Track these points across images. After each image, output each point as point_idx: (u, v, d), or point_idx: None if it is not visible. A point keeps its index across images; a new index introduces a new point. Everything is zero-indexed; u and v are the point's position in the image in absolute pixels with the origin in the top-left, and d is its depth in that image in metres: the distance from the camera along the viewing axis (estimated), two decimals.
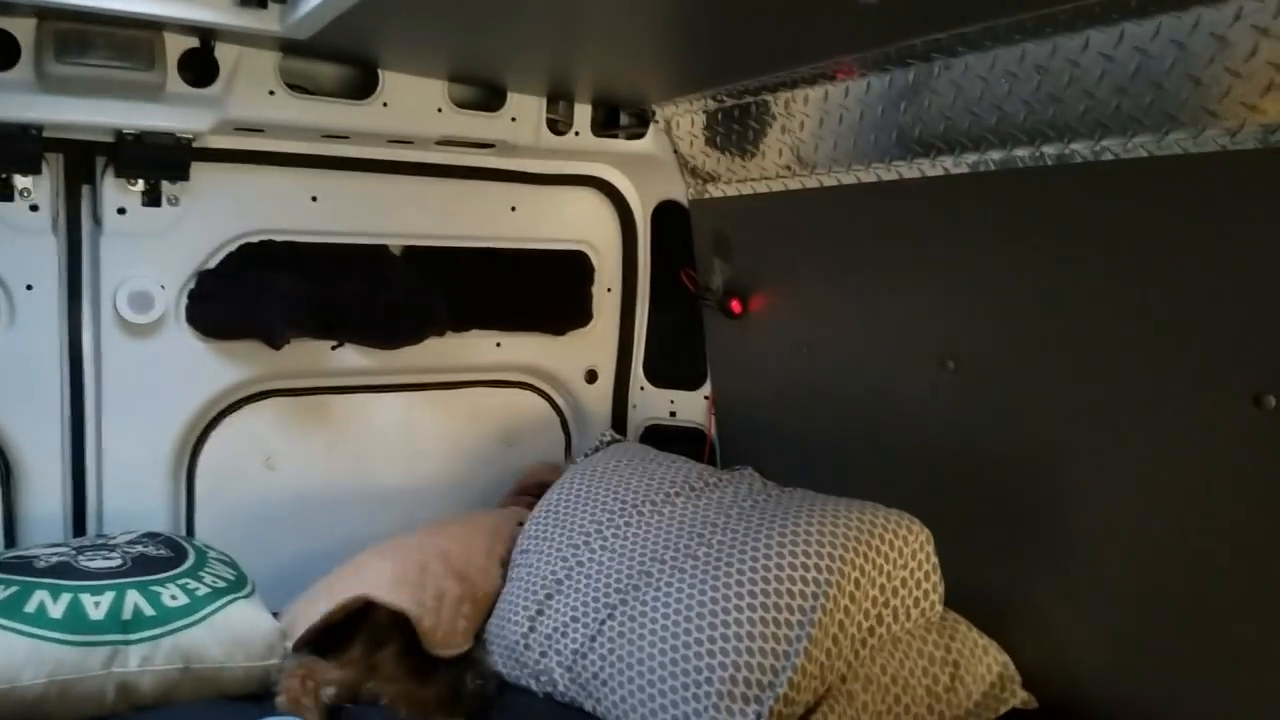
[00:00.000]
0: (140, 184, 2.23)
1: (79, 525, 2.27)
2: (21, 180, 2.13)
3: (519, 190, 2.76)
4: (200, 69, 2.14)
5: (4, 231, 2.14)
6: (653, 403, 3.00)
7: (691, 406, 2.93)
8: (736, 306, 2.68)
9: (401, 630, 1.96)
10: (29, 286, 2.17)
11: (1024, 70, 1.76)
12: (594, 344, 2.98)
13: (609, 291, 2.98)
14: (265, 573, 2.20)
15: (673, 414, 2.97)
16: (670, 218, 2.88)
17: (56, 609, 1.78)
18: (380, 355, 2.59)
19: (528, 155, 2.69)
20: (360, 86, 2.36)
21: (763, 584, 1.79)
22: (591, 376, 3.00)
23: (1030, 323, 1.93)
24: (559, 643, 1.97)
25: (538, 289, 2.84)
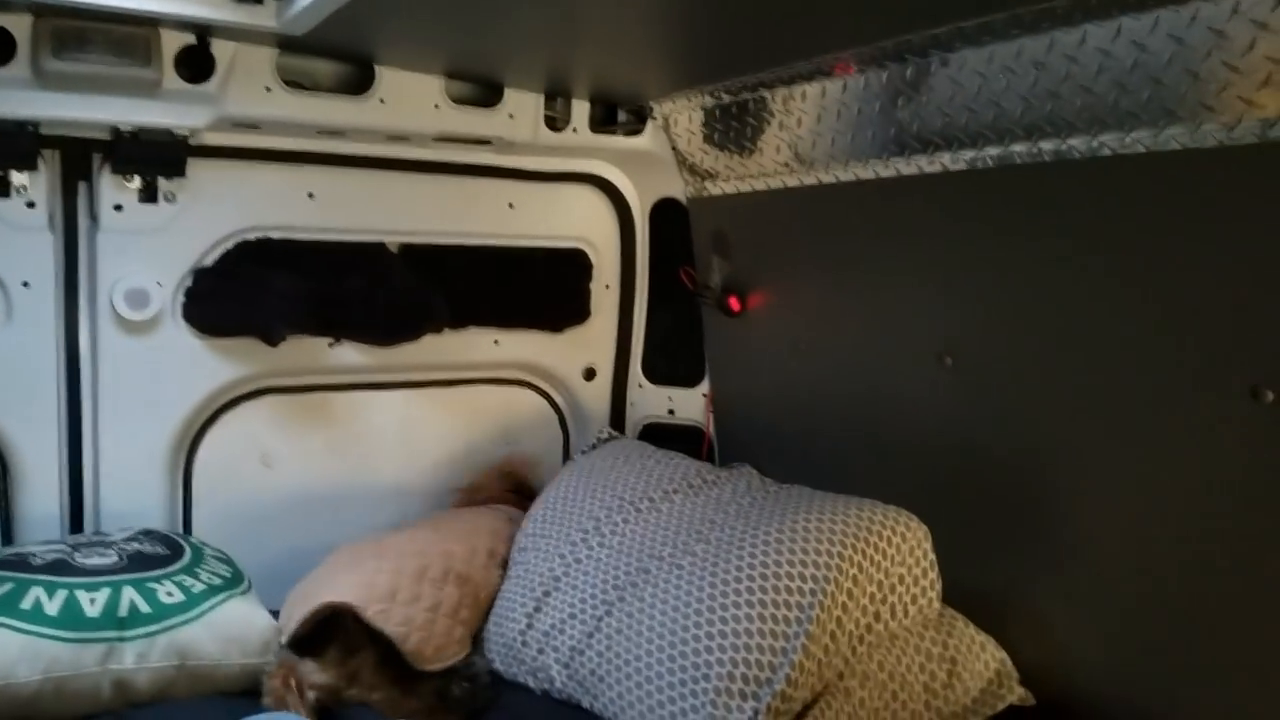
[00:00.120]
0: (137, 181, 2.23)
1: (76, 522, 2.27)
2: (18, 177, 2.13)
3: (517, 187, 2.76)
4: (197, 65, 2.13)
5: (0, 228, 2.13)
6: (651, 400, 3.00)
7: (690, 404, 2.93)
8: (735, 304, 2.67)
9: (379, 641, 1.94)
10: (26, 284, 2.17)
11: (1021, 66, 1.75)
12: (592, 342, 2.98)
13: (607, 289, 2.97)
14: (262, 570, 2.20)
15: (671, 412, 2.97)
16: (669, 215, 2.88)
17: (52, 606, 1.78)
18: (378, 353, 2.59)
19: (525, 152, 2.68)
20: (357, 83, 2.36)
21: (760, 580, 1.79)
22: (590, 374, 2.99)
23: (1028, 319, 1.92)
24: (556, 639, 1.97)
25: (536, 286, 2.84)
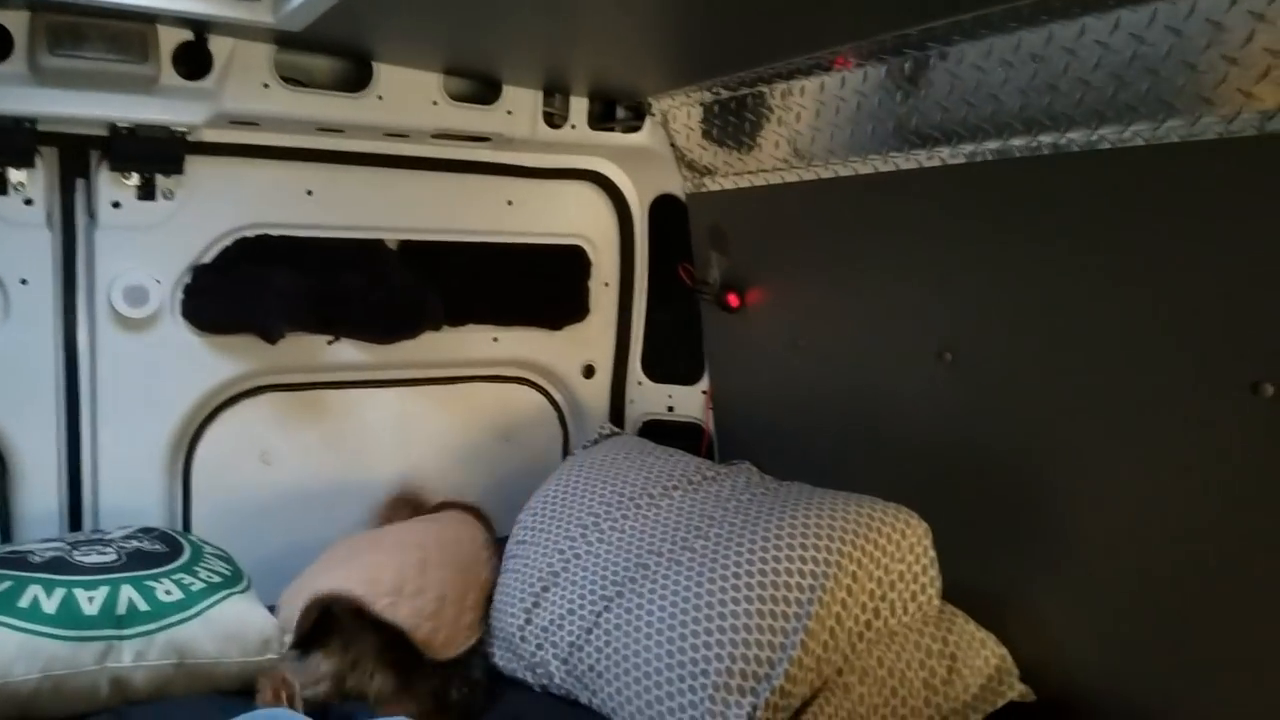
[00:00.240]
0: (135, 178, 2.23)
1: (75, 520, 2.27)
2: (16, 174, 2.13)
3: (515, 184, 2.75)
4: (194, 62, 2.13)
5: None
6: (650, 398, 2.99)
7: (689, 401, 2.92)
8: (734, 300, 2.67)
9: (381, 631, 1.94)
10: (24, 281, 2.17)
11: (1020, 59, 1.75)
12: (591, 339, 2.97)
13: (606, 286, 2.97)
14: (261, 568, 2.19)
15: (670, 409, 2.96)
16: (667, 211, 2.87)
17: (50, 604, 1.77)
18: (376, 350, 2.58)
19: (524, 149, 2.68)
20: (355, 80, 2.36)
21: (759, 577, 1.78)
22: (589, 371, 2.99)
23: (1027, 313, 1.92)
24: (555, 635, 1.97)
25: (535, 283, 2.84)
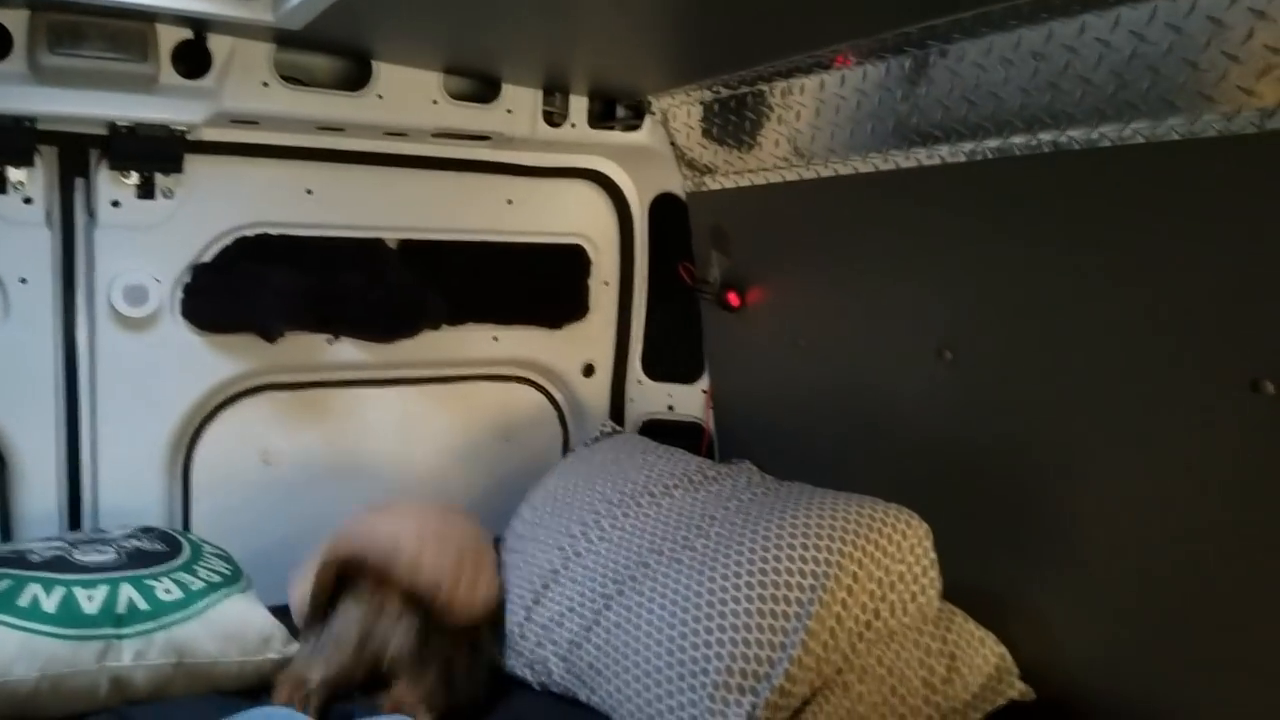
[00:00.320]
0: (134, 177, 2.22)
1: (74, 520, 2.27)
2: (15, 173, 2.12)
3: (515, 183, 2.75)
4: (194, 61, 2.13)
5: None
6: (650, 397, 2.99)
7: (689, 400, 2.92)
8: (734, 299, 2.66)
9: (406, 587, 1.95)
10: (23, 280, 2.17)
11: (1020, 56, 1.74)
12: (591, 338, 2.97)
13: (606, 285, 2.96)
14: (261, 567, 2.19)
15: (670, 408, 2.96)
16: (667, 210, 2.87)
17: (50, 603, 1.77)
18: (377, 349, 2.58)
19: (524, 148, 2.68)
20: (355, 78, 2.35)
21: (760, 576, 1.78)
22: (589, 370, 2.99)
23: (1026, 311, 1.91)
24: (555, 633, 1.97)
25: (534, 283, 2.83)
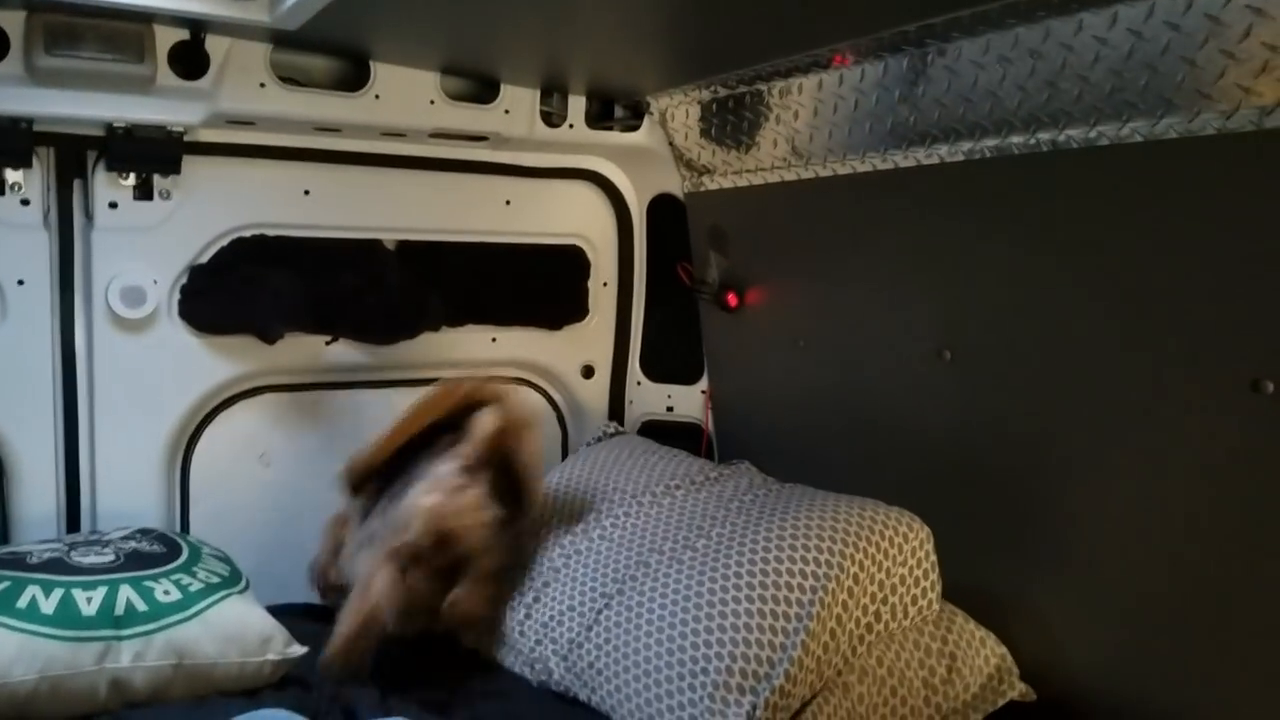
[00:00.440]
0: (132, 178, 2.22)
1: (73, 522, 2.26)
2: (12, 174, 2.12)
3: (513, 184, 2.75)
4: (191, 62, 2.13)
5: None
6: (650, 398, 2.98)
7: (689, 401, 2.92)
8: (733, 300, 2.66)
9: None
10: (20, 282, 2.16)
11: (1018, 55, 1.74)
12: (590, 339, 2.97)
13: (605, 286, 2.96)
14: (259, 569, 2.19)
15: (670, 409, 2.95)
16: (666, 211, 2.86)
17: (48, 604, 1.77)
18: (375, 351, 2.58)
19: (522, 148, 2.67)
20: (352, 79, 2.35)
21: (761, 577, 1.78)
22: (588, 372, 2.98)
23: (1026, 311, 1.91)
24: (555, 631, 1.96)
25: (533, 284, 2.83)
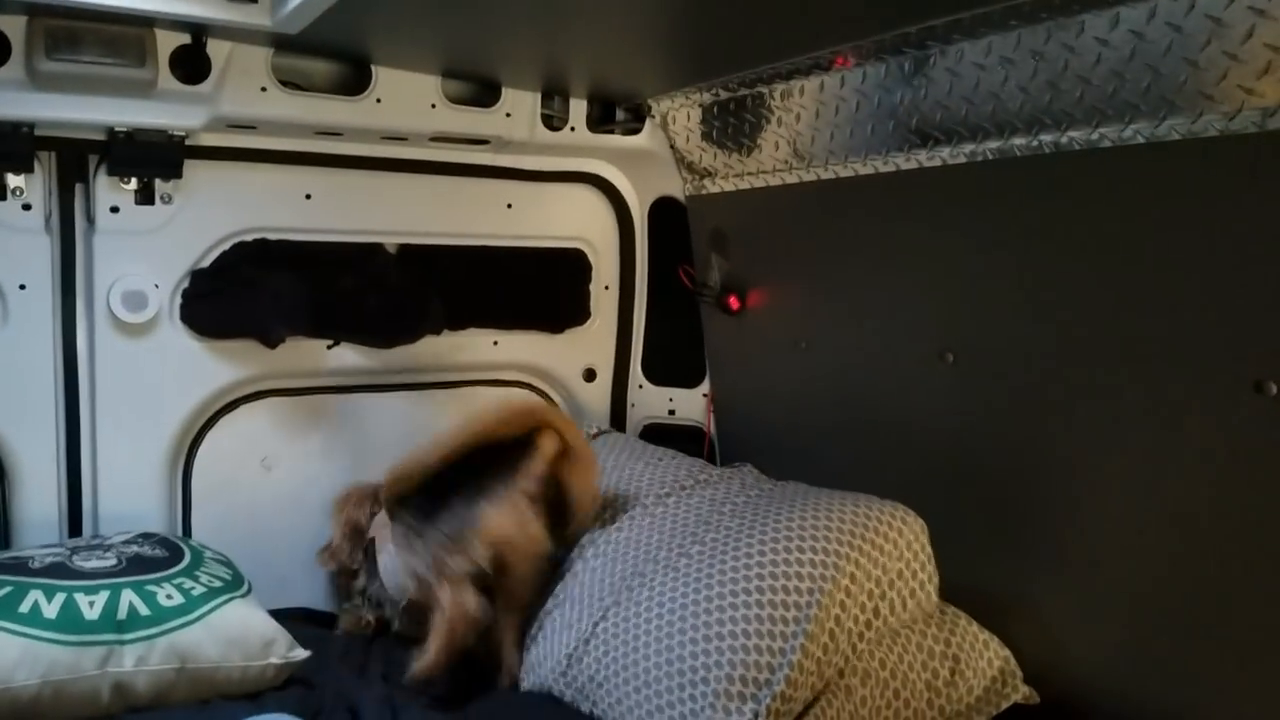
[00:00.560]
0: (133, 182, 2.22)
1: (74, 526, 2.26)
2: (14, 179, 2.13)
3: (515, 187, 2.74)
4: (192, 66, 2.13)
5: None
6: (651, 401, 2.98)
7: (690, 404, 2.91)
8: (734, 303, 2.65)
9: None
10: (22, 286, 2.17)
11: (1020, 56, 1.74)
12: (592, 342, 2.96)
13: (606, 289, 2.95)
14: (261, 573, 2.19)
15: (671, 412, 2.95)
16: (667, 214, 2.86)
17: (51, 609, 1.77)
18: (377, 354, 2.58)
19: (523, 152, 2.67)
20: (354, 83, 2.35)
21: (757, 580, 1.77)
22: (590, 375, 2.98)
23: (1028, 313, 1.91)
24: (552, 644, 1.95)
25: (535, 287, 2.82)
